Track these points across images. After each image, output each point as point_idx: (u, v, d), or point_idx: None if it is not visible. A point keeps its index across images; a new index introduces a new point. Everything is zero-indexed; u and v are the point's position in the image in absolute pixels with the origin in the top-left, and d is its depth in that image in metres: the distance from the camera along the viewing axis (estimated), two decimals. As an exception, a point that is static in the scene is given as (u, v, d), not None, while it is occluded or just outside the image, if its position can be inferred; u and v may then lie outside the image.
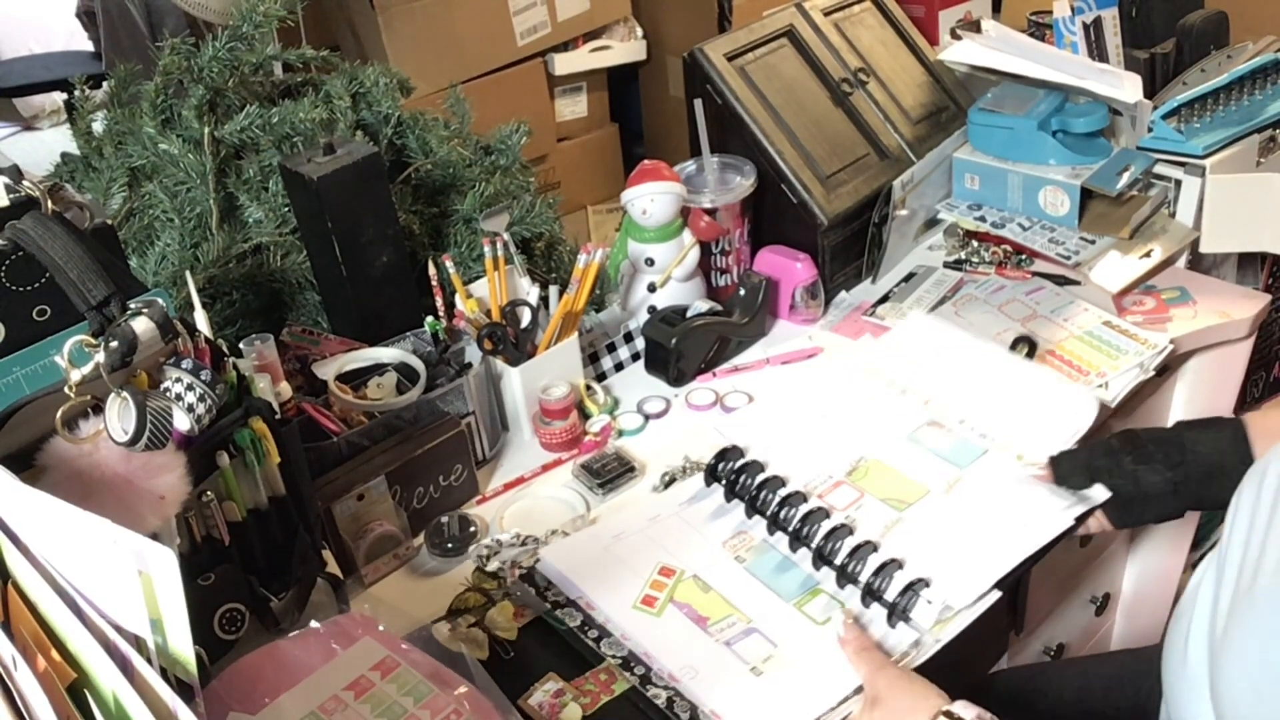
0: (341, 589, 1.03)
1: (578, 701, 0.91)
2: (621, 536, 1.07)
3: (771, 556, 1.04)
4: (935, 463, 1.12)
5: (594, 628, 0.98)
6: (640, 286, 1.38)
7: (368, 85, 1.45)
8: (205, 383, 0.84)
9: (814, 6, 1.55)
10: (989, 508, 1.06)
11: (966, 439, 1.15)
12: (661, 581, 1.02)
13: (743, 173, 1.41)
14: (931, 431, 1.16)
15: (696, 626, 0.97)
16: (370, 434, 1.11)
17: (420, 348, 1.24)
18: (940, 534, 1.03)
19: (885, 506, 1.07)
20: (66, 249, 0.85)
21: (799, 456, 1.13)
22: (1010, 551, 1.01)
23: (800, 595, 1.00)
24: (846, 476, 1.11)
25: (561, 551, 1.06)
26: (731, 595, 1.00)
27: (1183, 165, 1.44)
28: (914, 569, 0.97)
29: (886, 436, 1.16)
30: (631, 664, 0.94)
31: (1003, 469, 1.11)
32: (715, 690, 0.91)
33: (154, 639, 0.63)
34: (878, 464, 1.12)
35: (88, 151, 1.45)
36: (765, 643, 0.95)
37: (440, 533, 1.10)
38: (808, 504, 1.04)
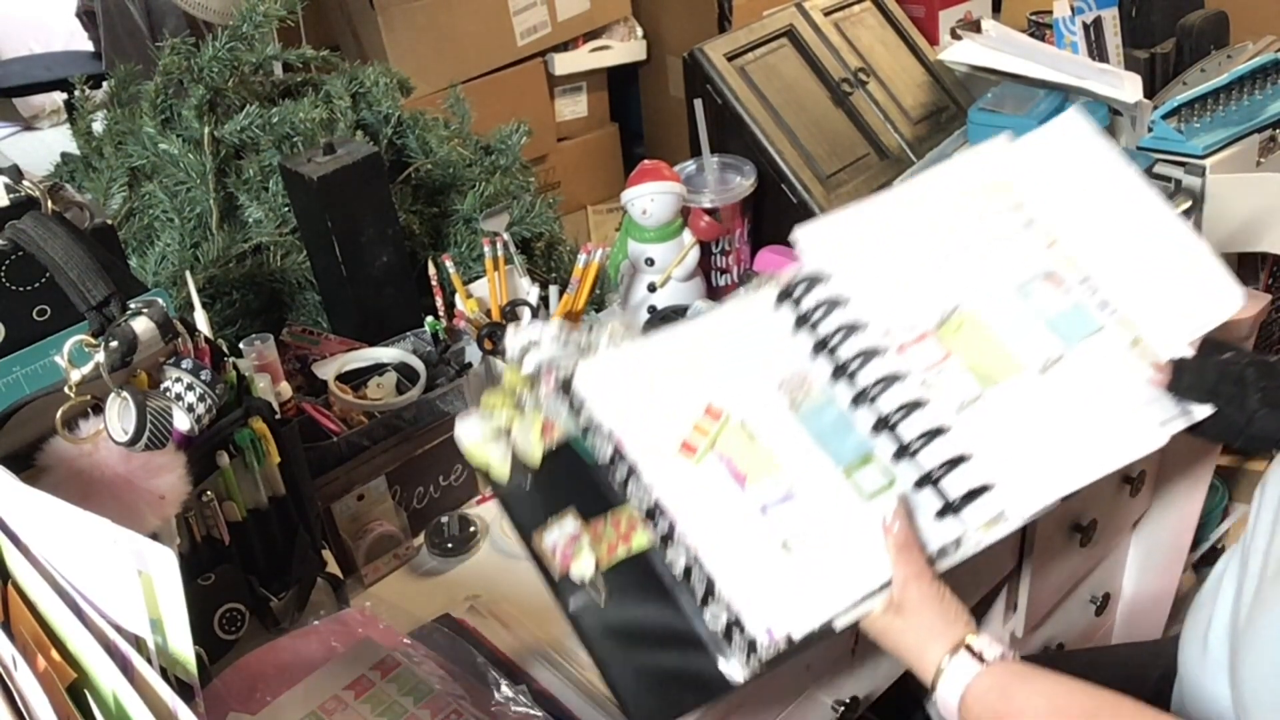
0: (341, 589, 1.03)
1: (593, 551, 0.83)
2: (672, 357, 0.93)
3: (829, 410, 0.90)
4: (1039, 331, 0.94)
5: (624, 464, 0.86)
6: (640, 286, 1.38)
7: (368, 85, 1.45)
8: (205, 383, 0.84)
9: (814, 6, 1.55)
10: (1081, 403, 0.92)
11: (1083, 306, 0.96)
12: (706, 426, 0.88)
13: (743, 173, 1.41)
14: (1046, 288, 0.97)
15: (735, 484, 0.85)
16: (370, 434, 1.11)
17: (420, 348, 1.24)
18: (1020, 425, 0.90)
19: (969, 377, 0.91)
20: (66, 249, 0.85)
21: (888, 290, 0.95)
22: (1088, 464, 0.89)
23: (851, 461, 0.88)
24: (935, 329, 0.93)
25: (602, 367, 0.92)
26: (778, 450, 0.87)
27: (1183, 165, 1.44)
28: (981, 465, 0.87)
29: (994, 283, 0.97)
30: (656, 516, 0.84)
31: (1112, 356, 0.94)
32: (737, 564, 0.82)
33: (154, 639, 0.63)
34: (974, 320, 0.94)
35: (88, 151, 1.45)
36: (802, 513, 0.85)
37: (440, 533, 1.10)
38: (883, 360, 0.90)
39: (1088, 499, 1.37)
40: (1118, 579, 1.61)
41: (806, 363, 0.92)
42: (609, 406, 0.89)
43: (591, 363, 0.91)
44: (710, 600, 0.81)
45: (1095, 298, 0.97)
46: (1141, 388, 0.93)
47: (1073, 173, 1.03)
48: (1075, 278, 0.97)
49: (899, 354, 0.92)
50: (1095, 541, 1.42)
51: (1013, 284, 0.96)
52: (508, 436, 0.90)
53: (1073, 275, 0.97)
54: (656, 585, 0.83)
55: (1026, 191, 1.01)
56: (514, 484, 0.88)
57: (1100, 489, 1.39)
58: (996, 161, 1.03)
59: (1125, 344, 0.95)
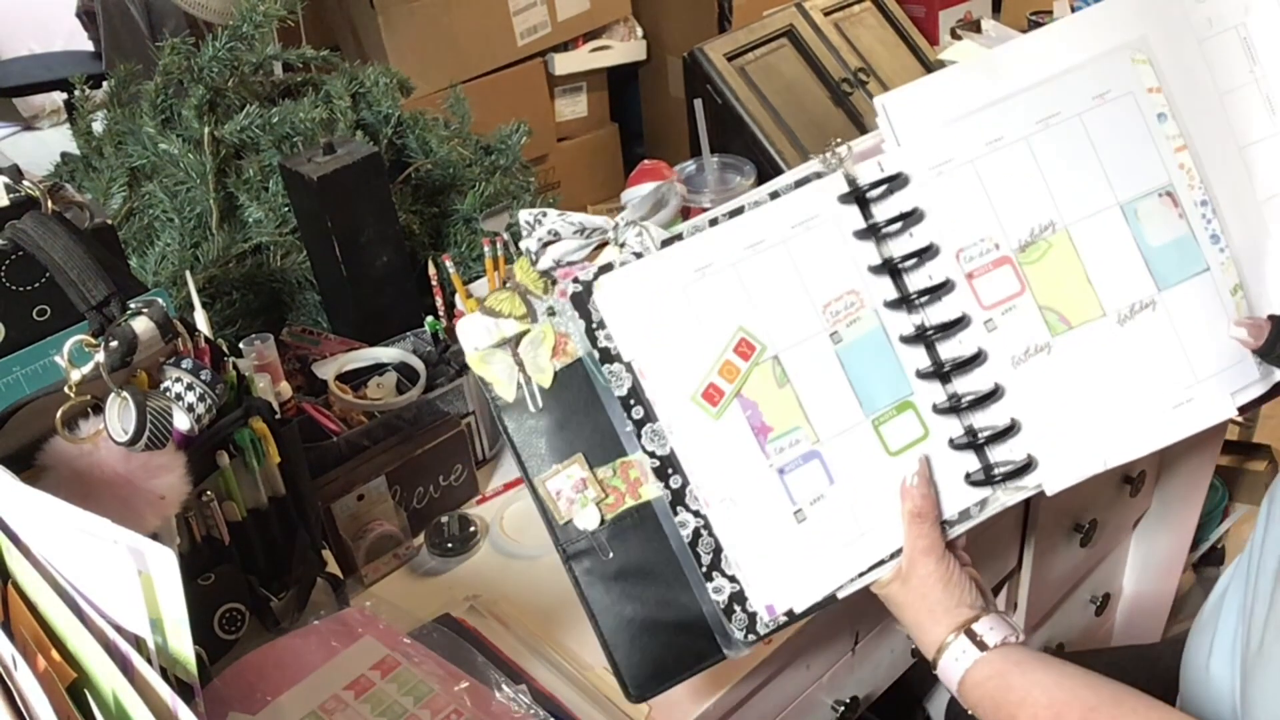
0: (341, 589, 1.03)
1: (599, 504, 0.80)
2: (706, 272, 0.80)
3: (874, 340, 0.81)
4: (1135, 266, 0.81)
5: (640, 404, 0.80)
6: (640, 286, 1.38)
7: (368, 85, 1.45)
8: (205, 383, 0.84)
9: (814, 6, 1.56)
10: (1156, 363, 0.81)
11: (1195, 236, 0.82)
12: (735, 366, 0.79)
13: (743, 173, 1.41)
14: (1159, 209, 0.81)
15: (755, 440, 0.79)
16: (370, 434, 1.11)
17: (420, 348, 1.24)
18: (1081, 386, 0.81)
19: (1040, 320, 0.81)
20: (66, 249, 0.85)
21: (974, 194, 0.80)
22: (1144, 437, 0.81)
23: (885, 408, 0.81)
24: (1017, 252, 0.80)
25: (626, 281, 0.80)
26: (808, 396, 0.80)
27: (1183, 165, 1.43)
28: (1028, 436, 0.80)
29: (1101, 195, 0.81)
30: (668, 471, 0.80)
31: (1207, 305, 0.82)
32: (746, 533, 0.79)
33: (154, 639, 0.63)
34: (1064, 243, 0.81)
35: (88, 151, 1.45)
36: (823, 475, 0.80)
37: (440, 533, 1.10)
38: (950, 296, 0.80)
39: (1088, 499, 1.37)
40: (1118, 579, 1.61)
41: (863, 279, 0.81)
42: (631, 332, 0.80)
43: (615, 275, 0.80)
44: (716, 572, 0.79)
45: (1209, 228, 0.82)
46: (1228, 347, 0.81)
47: (1235, 45, 0.83)
48: (1194, 198, 0.81)
49: (968, 283, 0.80)
50: (1095, 541, 1.42)
51: (1121, 199, 0.81)
52: (514, 348, 0.81)
53: (1193, 195, 0.81)
54: (662, 544, 0.80)
55: (1169, 67, 0.81)
56: (519, 404, 0.81)
57: (1100, 489, 1.39)
58: (1148, 13, 0.81)
59: (1226, 290, 0.82)
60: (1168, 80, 0.80)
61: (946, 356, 0.80)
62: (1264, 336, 0.79)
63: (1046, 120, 0.80)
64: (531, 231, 0.83)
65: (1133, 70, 0.80)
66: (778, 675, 1.02)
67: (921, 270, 0.80)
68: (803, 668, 1.07)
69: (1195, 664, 0.88)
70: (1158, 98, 0.80)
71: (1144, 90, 0.80)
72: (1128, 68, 0.80)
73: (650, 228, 0.83)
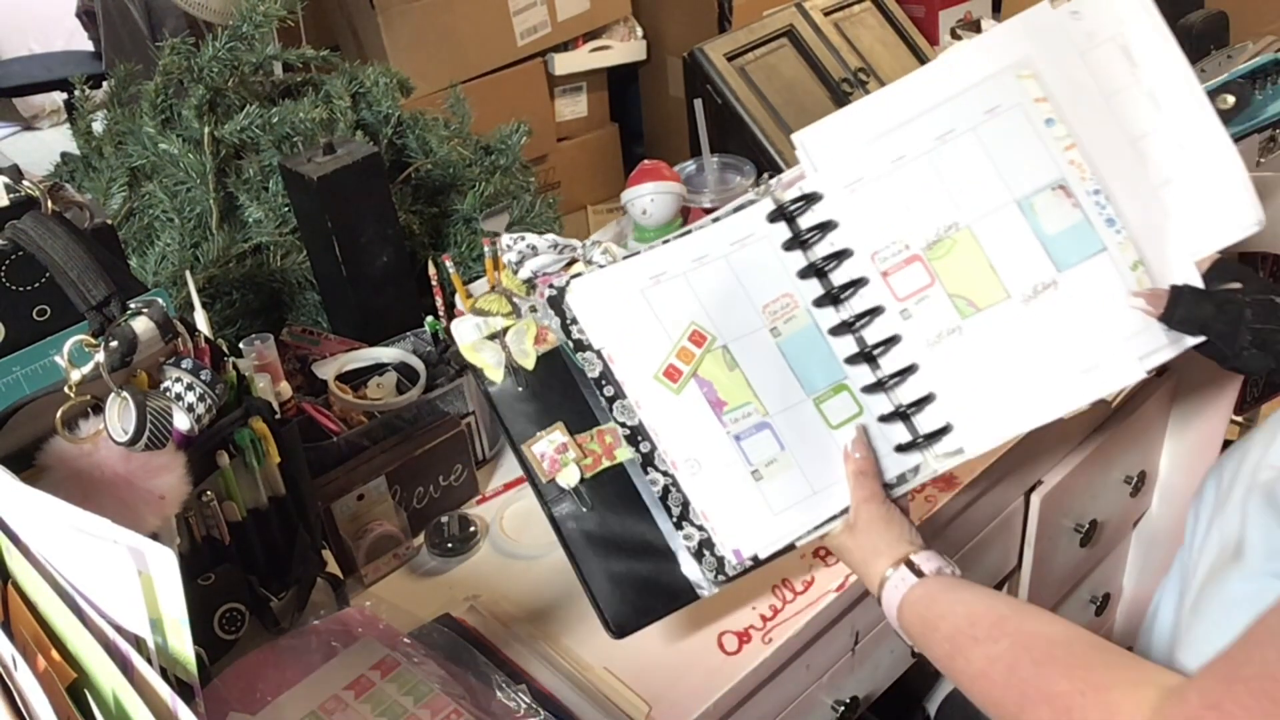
0: (341, 589, 1.03)
1: (579, 464, 0.91)
2: (662, 279, 0.93)
3: (808, 334, 0.93)
4: (1034, 253, 0.90)
5: (611, 384, 0.92)
6: (640, 286, 1.38)
7: (368, 85, 1.45)
8: (205, 383, 0.84)
9: (814, 6, 1.56)
10: (1061, 336, 0.90)
11: (1089, 221, 0.90)
12: (690, 351, 0.91)
13: (743, 173, 1.41)
14: (1053, 200, 0.90)
15: (712, 412, 0.90)
16: (370, 434, 1.11)
17: (420, 348, 1.24)
18: (991, 361, 0.90)
19: (951, 306, 0.91)
20: (66, 249, 0.85)
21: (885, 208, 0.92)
22: (1055, 401, 0.90)
23: (824, 390, 0.92)
24: (925, 250, 0.91)
25: (594, 285, 0.94)
26: (755, 378, 0.91)
27: (1183, 165, 1.43)
28: (943, 404, 0.91)
29: (996, 196, 0.91)
30: (638, 438, 0.91)
31: (1107, 281, 0.90)
32: (711, 491, 0.90)
33: (154, 639, 0.63)
34: (968, 239, 0.91)
35: (88, 151, 1.45)
36: (774, 442, 0.91)
37: (440, 533, 1.10)
38: (867, 289, 0.91)
39: (1088, 499, 1.37)
40: (1118, 579, 1.61)
41: (793, 284, 0.93)
42: (599, 326, 0.93)
43: (584, 279, 0.93)
44: (685, 521, 0.90)
45: (1103, 213, 0.91)
46: (1131, 317, 0.90)
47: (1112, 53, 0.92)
48: (1086, 189, 0.90)
49: (884, 280, 0.91)
50: (1095, 541, 1.42)
51: (1017, 196, 0.90)
52: (502, 339, 0.94)
53: (1084, 186, 0.90)
54: (636, 500, 0.91)
55: (1053, 79, 0.91)
56: (506, 386, 0.93)
57: (1100, 489, 1.39)
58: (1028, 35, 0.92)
59: (1125, 267, 0.90)
60: (1052, 90, 0.90)
61: (866, 343, 0.92)
62: (1164, 305, 0.87)
63: (944, 136, 0.91)
64: (512, 247, 0.99)
65: (1019, 85, 0.91)
66: (778, 675, 1.02)
67: (840, 270, 0.92)
68: (803, 668, 1.07)
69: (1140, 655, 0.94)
70: (1044, 106, 0.90)
71: (1031, 101, 0.90)
72: (1014, 83, 0.91)
73: (613, 247, 0.98)
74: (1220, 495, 0.85)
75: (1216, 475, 0.88)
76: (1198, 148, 0.91)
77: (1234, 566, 0.78)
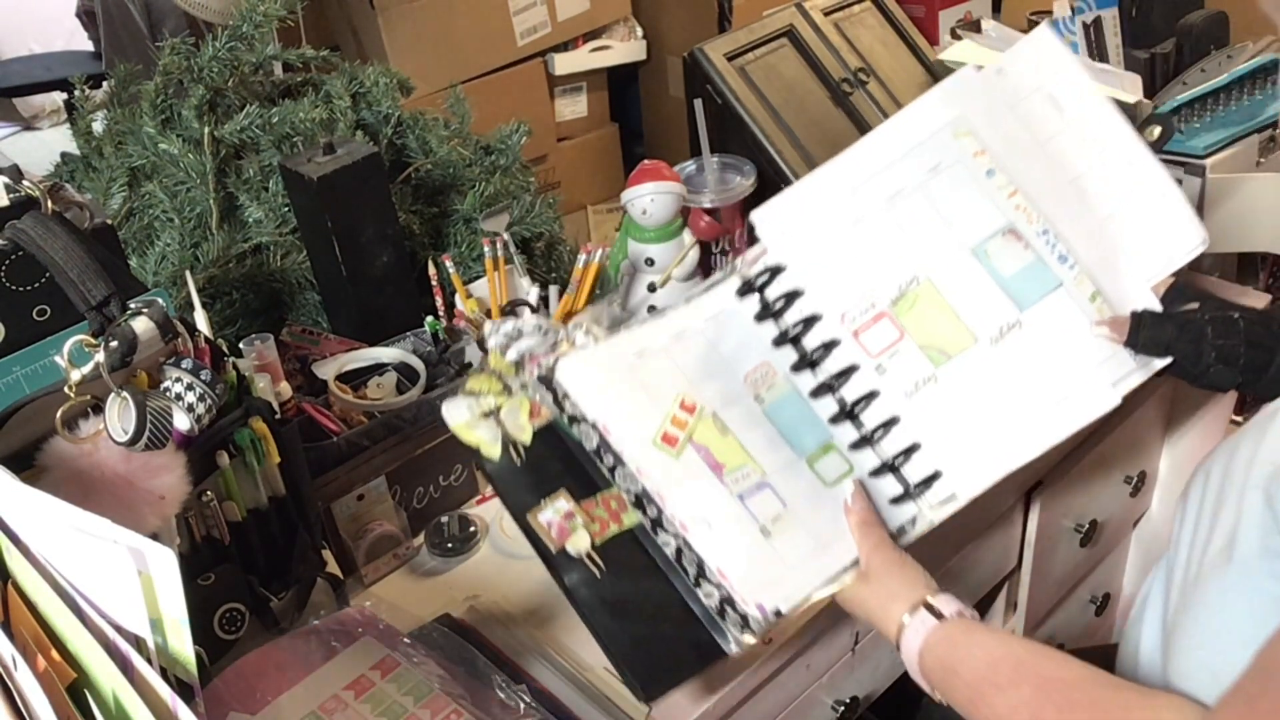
0: (341, 589, 1.03)
1: (587, 528, 0.88)
2: (645, 354, 0.96)
3: (791, 400, 0.95)
4: (994, 297, 0.94)
5: (610, 454, 0.91)
6: (640, 286, 1.38)
7: (368, 85, 1.45)
8: (205, 383, 0.84)
9: (814, 6, 1.55)
10: (1033, 372, 0.93)
11: (1043, 260, 0.94)
12: (682, 419, 0.93)
13: (743, 173, 1.41)
14: (1005, 244, 0.95)
15: (713, 474, 0.91)
16: (370, 434, 1.11)
17: (420, 348, 1.24)
18: (969, 404, 0.93)
19: (922, 357, 0.94)
20: (66, 249, 0.85)
21: (846, 272, 0.96)
22: (1038, 436, 0.92)
23: (814, 450, 0.94)
24: (890, 306, 0.95)
25: (582, 362, 0.95)
26: (748, 442, 0.93)
27: (1183, 165, 1.44)
28: (930, 451, 0.92)
29: (950, 246, 0.95)
30: (644, 503, 0.90)
31: (1069, 314, 0.94)
32: (724, 548, 0.88)
33: (154, 639, 0.63)
34: (930, 290, 0.95)
35: (88, 151, 1.45)
36: (775, 500, 0.91)
37: (440, 533, 1.10)
38: (840, 350, 0.94)
39: (1088, 499, 1.37)
40: (1118, 579, 1.61)
41: (770, 353, 0.96)
42: (591, 399, 0.92)
43: (571, 357, 0.95)
44: (702, 580, 0.87)
45: (1055, 251, 0.95)
46: (1097, 345, 0.93)
47: (1040, 103, 0.98)
48: (1035, 230, 0.95)
49: (855, 340, 0.94)
50: (1095, 541, 1.42)
51: (970, 244, 0.95)
52: (496, 416, 0.93)
53: (1033, 228, 0.95)
54: (650, 562, 0.89)
55: (989, 133, 0.97)
56: (505, 462, 0.91)
57: (1100, 489, 1.39)
58: (960, 97, 0.98)
59: (1084, 299, 0.94)
60: (989, 143, 0.95)
61: (846, 401, 0.93)
62: (1127, 331, 0.91)
63: (893, 198, 0.95)
64: (497, 331, 0.99)
65: (957, 143, 0.96)
66: (778, 675, 1.02)
67: (811, 335, 0.95)
68: (803, 668, 1.07)
69: (1125, 657, 0.94)
70: (983, 159, 0.95)
71: (970, 156, 0.95)
72: (953, 141, 0.95)
73: (594, 327, 0.99)
74: (1210, 493, 0.85)
75: (1204, 474, 0.87)
76: (1134, 180, 0.96)
77: (1226, 566, 0.77)
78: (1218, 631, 0.76)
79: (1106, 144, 0.97)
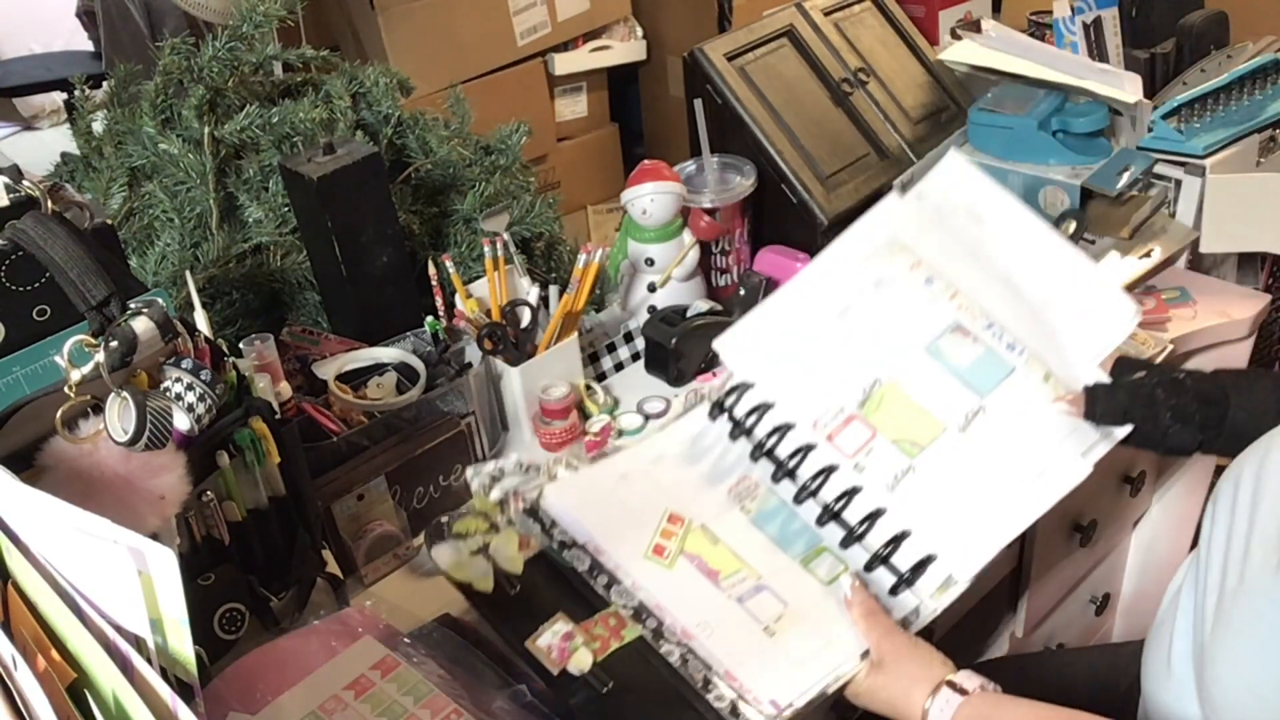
0: (341, 589, 1.03)
1: (588, 647, 0.89)
2: (627, 478, 1.02)
3: (776, 508, 1.00)
4: (955, 388, 1.01)
5: (603, 573, 0.94)
6: (640, 286, 1.38)
7: (368, 85, 1.45)
8: (205, 383, 0.84)
9: (814, 6, 1.55)
10: (1005, 451, 0.98)
11: (993, 351, 1.02)
12: (671, 530, 0.98)
13: (743, 173, 1.41)
14: (955, 341, 1.02)
15: (708, 581, 0.94)
16: (370, 434, 1.11)
17: (420, 348, 1.24)
18: (951, 488, 0.97)
19: (897, 451, 0.99)
20: (66, 249, 0.85)
21: (810, 383, 1.03)
22: (1022, 510, 0.96)
23: (806, 553, 0.97)
24: (859, 409, 1.01)
25: (566, 490, 1.01)
26: (740, 549, 0.97)
27: (1183, 165, 1.44)
28: (921, 537, 0.95)
29: (905, 349, 1.03)
30: (643, 616, 0.91)
31: (1027, 396, 1.00)
32: (730, 649, 0.89)
33: (154, 639, 0.63)
34: (893, 390, 1.01)
35: (88, 151, 1.45)
36: (776, 601, 0.93)
37: (440, 533, 1.10)
38: (816, 454, 0.99)
39: (1088, 499, 1.37)
40: (1118, 579, 1.61)
41: (749, 467, 1.02)
42: (579, 523, 0.97)
43: (555, 485, 1.01)
44: (711, 685, 0.87)
45: (1002, 341, 1.02)
46: (1060, 422, 0.98)
47: (962, 217, 1.08)
48: (980, 325, 1.02)
49: (829, 443, 1.00)
50: (1095, 541, 1.42)
51: (924, 344, 1.02)
52: (485, 553, 0.96)
53: (978, 323, 1.02)
54: (655, 672, 0.88)
55: (922, 247, 1.06)
56: (499, 594, 0.94)
57: (1100, 489, 1.39)
58: (889, 221, 1.07)
59: (1038, 380, 1.00)
60: (923, 256, 1.05)
61: (828, 501, 0.97)
62: (1083, 405, 0.97)
63: (844, 312, 1.04)
64: (479, 473, 1.04)
65: (895, 259, 1.05)
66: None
67: (785, 443, 1.00)
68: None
69: (1155, 662, 0.91)
70: (920, 269, 1.04)
71: (908, 268, 1.05)
72: (890, 258, 1.05)
73: (574, 460, 1.06)
74: (1242, 499, 0.81)
75: (1234, 478, 0.84)
76: (1060, 270, 1.04)
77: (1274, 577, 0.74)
78: (1261, 648, 0.74)
79: (1028, 243, 1.06)
